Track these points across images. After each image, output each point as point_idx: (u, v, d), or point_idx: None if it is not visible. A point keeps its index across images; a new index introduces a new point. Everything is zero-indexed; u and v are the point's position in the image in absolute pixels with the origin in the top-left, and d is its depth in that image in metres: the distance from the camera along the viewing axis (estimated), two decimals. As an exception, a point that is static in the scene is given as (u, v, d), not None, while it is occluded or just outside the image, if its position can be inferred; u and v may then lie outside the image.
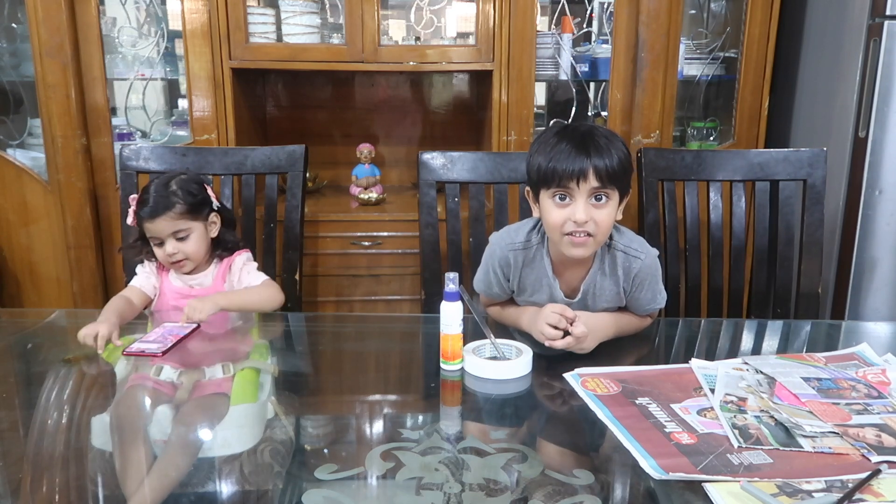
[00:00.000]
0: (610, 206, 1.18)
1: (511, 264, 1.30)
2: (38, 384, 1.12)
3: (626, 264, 1.26)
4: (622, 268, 1.26)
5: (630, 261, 1.26)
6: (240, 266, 1.53)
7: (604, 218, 1.18)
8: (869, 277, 2.10)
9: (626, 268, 1.26)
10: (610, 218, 1.19)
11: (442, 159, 1.67)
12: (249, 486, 0.87)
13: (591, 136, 1.17)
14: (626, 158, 1.18)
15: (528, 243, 1.29)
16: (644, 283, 1.27)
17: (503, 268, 1.31)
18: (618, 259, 1.26)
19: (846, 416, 0.98)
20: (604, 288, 1.28)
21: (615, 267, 1.27)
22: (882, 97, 1.99)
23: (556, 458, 0.94)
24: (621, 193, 1.21)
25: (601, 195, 1.17)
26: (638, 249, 1.26)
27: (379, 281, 2.36)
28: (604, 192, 1.17)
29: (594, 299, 1.29)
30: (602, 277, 1.27)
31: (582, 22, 2.47)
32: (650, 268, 1.27)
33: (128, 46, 2.35)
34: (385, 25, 2.50)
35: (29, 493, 0.85)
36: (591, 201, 1.17)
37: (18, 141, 2.36)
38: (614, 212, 1.20)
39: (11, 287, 2.37)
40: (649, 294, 1.29)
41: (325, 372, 1.28)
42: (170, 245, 1.47)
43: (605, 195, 1.17)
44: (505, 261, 1.30)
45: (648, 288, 1.28)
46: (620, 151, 1.17)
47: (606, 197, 1.18)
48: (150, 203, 1.46)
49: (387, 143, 2.80)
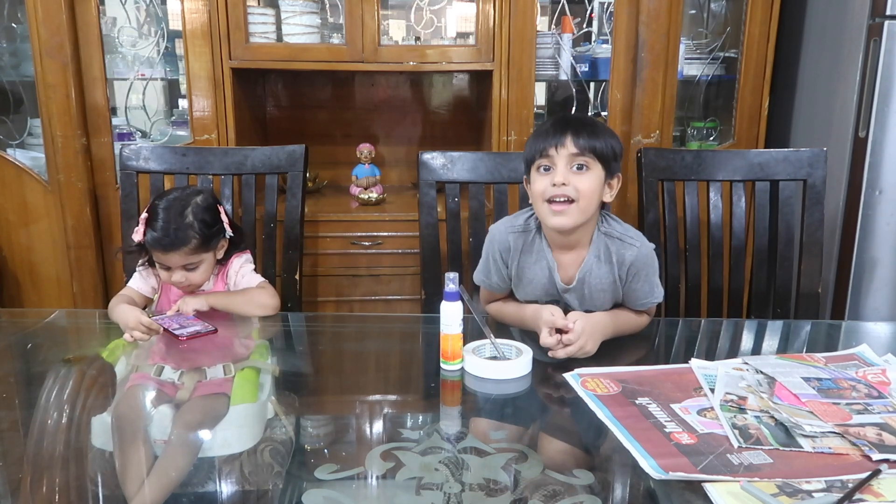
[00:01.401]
0: (591, 175, 1.23)
1: (511, 248, 1.32)
2: (38, 384, 1.12)
3: (620, 252, 1.28)
4: (616, 255, 1.28)
5: (625, 248, 1.28)
6: (237, 269, 1.52)
7: (584, 185, 1.22)
8: (869, 277, 2.10)
9: (620, 255, 1.28)
10: (591, 186, 1.22)
11: (442, 159, 1.67)
12: (249, 486, 0.87)
13: (576, 117, 1.27)
14: (609, 141, 1.23)
15: (527, 226, 1.33)
16: (639, 273, 1.28)
17: (502, 252, 1.33)
18: (613, 246, 1.29)
19: (846, 415, 0.98)
20: (600, 275, 1.29)
21: (610, 254, 1.29)
22: (882, 97, 1.99)
23: (556, 458, 0.94)
24: (607, 172, 1.25)
25: (581, 164, 1.22)
26: (633, 238, 1.29)
27: (379, 281, 2.37)
28: (583, 160, 1.22)
29: (590, 287, 1.30)
30: (598, 264, 1.29)
31: (582, 22, 2.47)
32: (645, 258, 1.28)
33: (128, 46, 2.35)
34: (385, 25, 2.50)
35: (29, 493, 0.85)
36: (573, 169, 1.22)
37: (18, 141, 2.36)
38: (596, 183, 1.23)
39: (11, 287, 2.37)
40: (646, 286, 1.30)
41: (325, 372, 1.28)
42: (178, 274, 1.42)
43: (584, 164, 1.22)
44: (504, 245, 1.33)
45: (645, 280, 1.29)
46: (603, 132, 1.23)
47: (587, 167, 1.22)
48: (162, 232, 1.37)
49: (387, 143, 2.80)
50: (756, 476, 0.84)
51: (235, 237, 1.52)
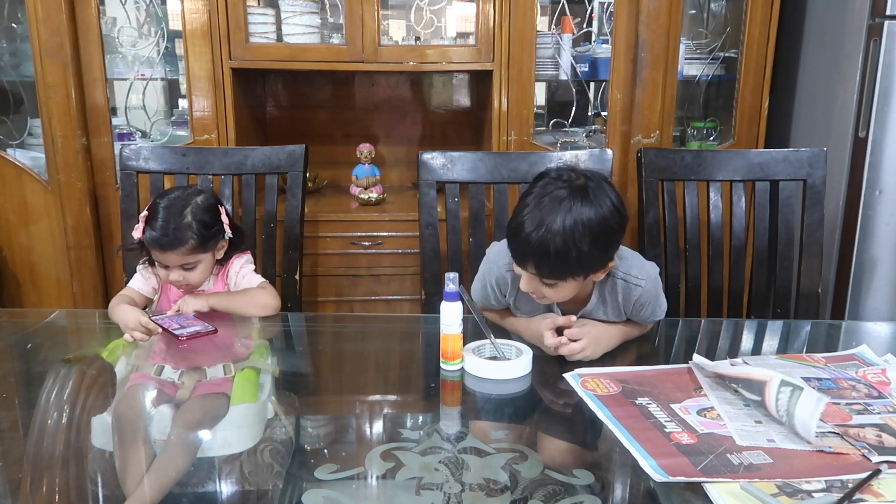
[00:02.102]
0: (561, 287, 1.15)
1: (508, 284, 1.29)
2: (38, 384, 1.12)
3: (626, 292, 1.24)
4: (622, 294, 1.24)
5: (630, 289, 1.23)
6: (237, 270, 1.52)
7: (556, 295, 1.16)
8: (869, 277, 2.10)
9: (626, 295, 1.24)
10: (565, 291, 1.16)
11: (442, 159, 1.67)
12: (249, 486, 0.87)
13: (539, 252, 1.09)
14: (584, 255, 1.09)
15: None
16: (646, 305, 1.26)
17: (500, 286, 1.30)
18: (618, 286, 1.24)
19: (846, 416, 0.98)
20: (605, 313, 1.26)
21: (615, 294, 1.24)
22: (882, 97, 1.99)
23: (556, 458, 0.94)
24: (586, 275, 1.15)
25: (549, 281, 1.14)
26: (638, 276, 1.23)
27: (379, 281, 2.37)
28: (551, 280, 1.13)
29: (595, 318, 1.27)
30: (601, 305, 1.26)
31: (582, 22, 2.47)
32: (651, 291, 1.25)
33: (128, 46, 2.35)
34: (385, 25, 2.50)
35: (29, 493, 0.85)
36: (542, 282, 1.14)
37: (18, 141, 2.36)
38: (571, 287, 1.16)
39: (11, 287, 2.37)
40: (649, 311, 1.28)
41: (325, 372, 1.28)
42: (175, 273, 1.42)
43: (552, 282, 1.14)
44: (502, 280, 1.29)
45: (649, 306, 1.27)
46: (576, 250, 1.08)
47: (555, 282, 1.14)
48: (160, 232, 1.37)
49: (387, 143, 2.80)
50: (756, 476, 0.84)
51: (236, 238, 1.52)
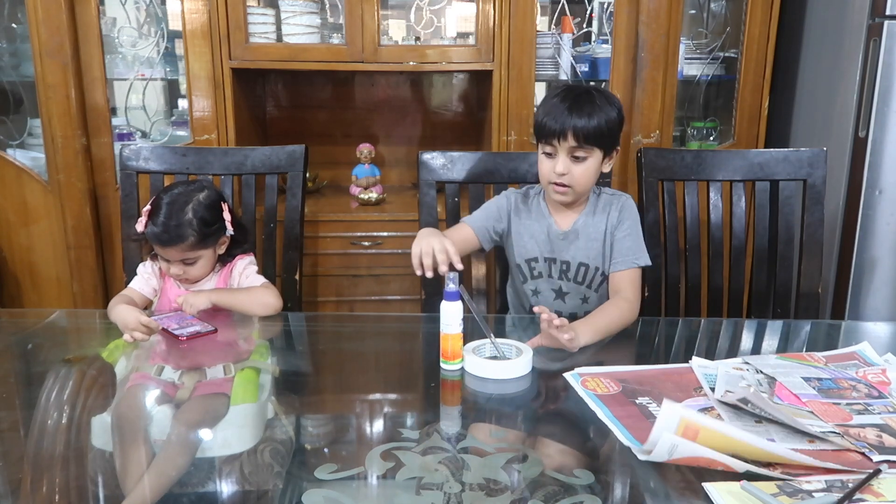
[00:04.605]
0: (588, 163, 1.37)
1: (512, 204, 1.50)
2: (38, 384, 1.12)
3: (609, 202, 1.46)
4: (607, 205, 1.46)
5: (614, 199, 1.47)
6: (240, 270, 1.52)
7: (581, 173, 1.37)
8: (869, 277, 2.10)
9: (608, 204, 1.46)
10: (587, 173, 1.38)
11: (442, 159, 1.67)
12: (249, 486, 0.87)
13: (581, 98, 1.35)
14: (612, 121, 1.36)
15: (528, 193, 1.52)
16: (625, 220, 1.44)
17: (501, 207, 1.50)
18: (603, 201, 1.47)
19: (847, 416, 0.98)
20: (593, 224, 1.45)
21: (601, 206, 1.46)
22: (882, 97, 1.99)
23: (556, 458, 0.94)
24: (606, 150, 1.39)
25: (580, 155, 1.36)
26: (620, 193, 1.49)
27: (379, 281, 2.37)
28: (583, 152, 1.36)
29: (584, 236, 1.45)
30: (591, 217, 1.46)
31: (582, 22, 2.47)
32: (630, 208, 1.46)
33: (128, 46, 2.35)
34: (385, 25, 2.50)
35: (29, 493, 0.85)
36: (572, 157, 1.36)
37: (18, 141, 2.36)
38: (593, 167, 1.38)
39: (11, 287, 2.37)
40: (629, 241, 1.42)
41: (325, 372, 1.28)
42: (176, 267, 1.44)
43: (584, 155, 1.36)
44: (504, 198, 1.51)
45: (629, 232, 1.43)
46: (606, 115, 1.35)
47: (585, 154, 1.36)
48: (161, 228, 1.39)
49: (387, 143, 2.80)
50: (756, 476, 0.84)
51: (239, 235, 1.52)
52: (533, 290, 1.51)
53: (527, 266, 1.49)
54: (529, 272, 1.50)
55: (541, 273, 1.49)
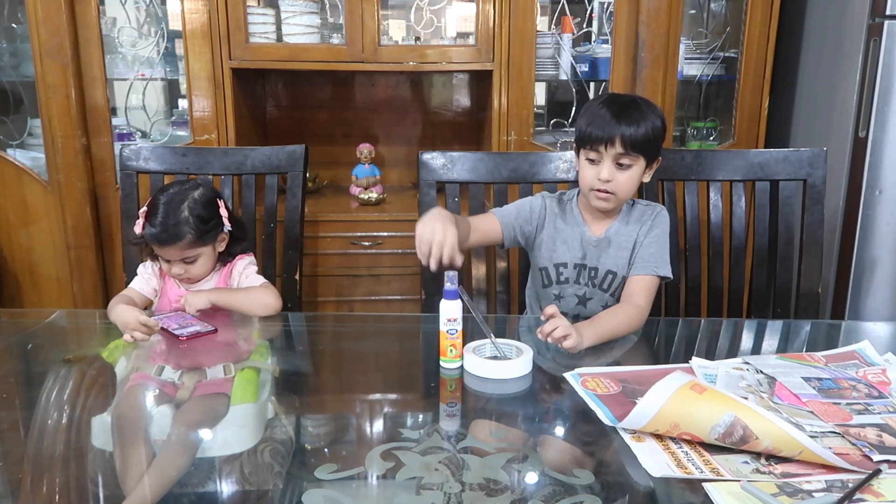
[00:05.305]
0: (633, 170, 1.36)
1: (546, 208, 1.48)
2: (38, 384, 1.12)
3: (644, 213, 1.46)
4: (641, 215, 1.45)
5: (647, 210, 1.46)
6: (240, 270, 1.53)
7: (625, 180, 1.36)
8: (869, 277, 2.10)
9: (642, 215, 1.45)
10: (631, 181, 1.37)
11: (442, 159, 1.67)
12: (249, 486, 0.87)
13: (627, 107, 1.35)
14: (657, 130, 1.35)
15: (561, 198, 1.51)
16: (654, 228, 1.43)
17: (534, 208, 1.48)
18: (637, 210, 1.46)
19: (847, 416, 0.98)
20: (626, 233, 1.44)
21: (635, 216, 1.45)
22: (882, 97, 1.99)
23: (556, 458, 0.94)
24: (649, 159, 1.38)
25: (625, 163, 1.35)
26: (655, 204, 1.48)
27: (379, 281, 2.37)
28: (628, 159, 1.34)
29: (615, 244, 1.44)
30: (624, 225, 1.45)
31: (582, 22, 2.47)
32: (663, 218, 1.45)
33: (128, 46, 2.35)
34: (385, 25, 2.50)
35: (29, 493, 0.85)
36: (616, 164, 1.35)
37: (18, 141, 2.36)
38: (637, 176, 1.38)
39: (11, 287, 2.37)
40: (654, 248, 1.41)
41: (325, 372, 1.28)
42: (177, 267, 1.45)
43: (629, 163, 1.35)
44: (540, 200, 1.49)
45: (656, 240, 1.42)
46: (652, 123, 1.34)
47: (630, 162, 1.35)
48: (159, 228, 1.40)
49: (387, 143, 2.80)
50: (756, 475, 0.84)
51: (237, 231, 1.53)
52: (556, 295, 1.48)
53: (554, 270, 1.46)
54: (556, 276, 1.47)
55: (567, 279, 1.46)
